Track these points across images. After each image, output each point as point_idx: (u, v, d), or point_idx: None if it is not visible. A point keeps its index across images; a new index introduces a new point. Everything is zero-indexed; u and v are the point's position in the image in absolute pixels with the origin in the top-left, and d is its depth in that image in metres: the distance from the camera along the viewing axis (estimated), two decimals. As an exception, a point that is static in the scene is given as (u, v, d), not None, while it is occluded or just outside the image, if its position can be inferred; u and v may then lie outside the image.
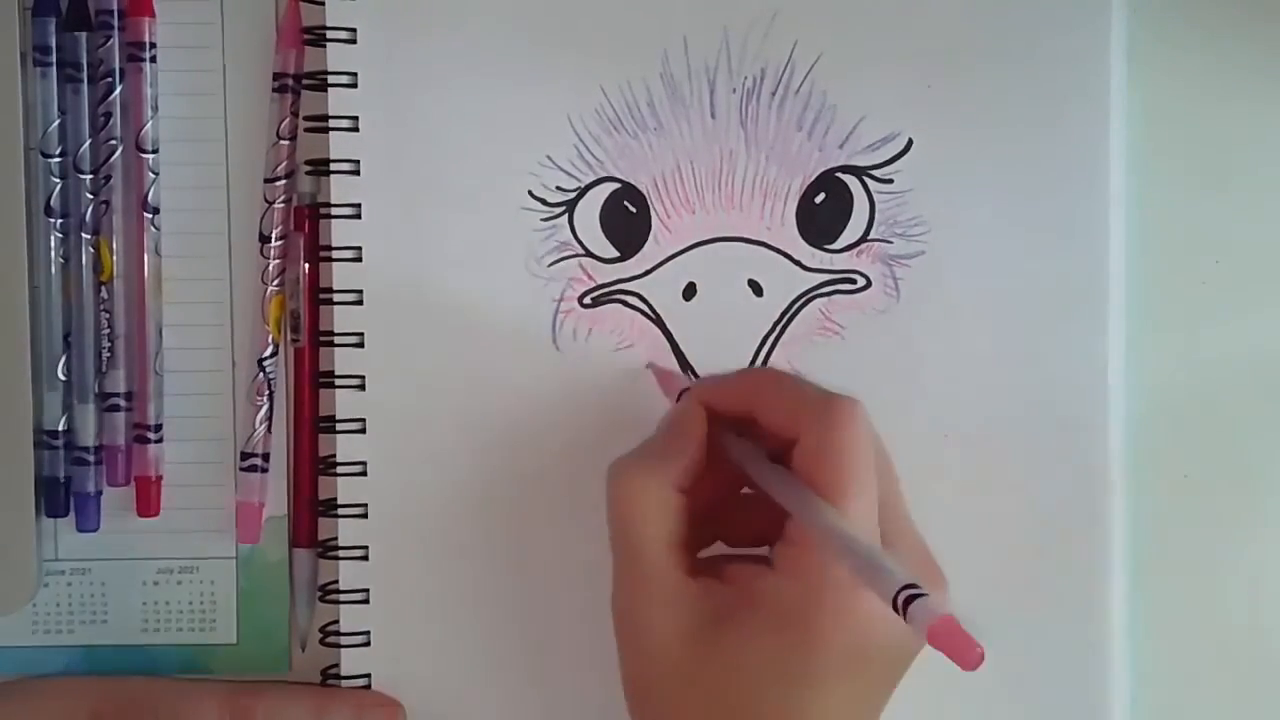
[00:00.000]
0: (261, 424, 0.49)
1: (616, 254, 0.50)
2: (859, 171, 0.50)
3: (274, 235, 0.49)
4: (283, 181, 0.49)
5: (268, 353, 0.49)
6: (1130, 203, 0.50)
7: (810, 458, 0.42)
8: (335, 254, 0.49)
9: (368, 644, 0.49)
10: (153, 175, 0.49)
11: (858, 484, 0.41)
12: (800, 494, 0.42)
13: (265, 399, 0.49)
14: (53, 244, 0.49)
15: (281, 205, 0.49)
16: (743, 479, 0.45)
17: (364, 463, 0.49)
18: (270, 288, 0.49)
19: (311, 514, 0.50)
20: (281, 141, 0.49)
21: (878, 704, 0.43)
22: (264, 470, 0.50)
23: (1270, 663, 0.52)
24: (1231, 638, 0.51)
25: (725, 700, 0.41)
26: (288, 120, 0.49)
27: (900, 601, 0.36)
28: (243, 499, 0.50)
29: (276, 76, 0.49)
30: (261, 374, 0.49)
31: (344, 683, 0.49)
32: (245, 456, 0.50)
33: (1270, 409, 0.51)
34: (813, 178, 0.49)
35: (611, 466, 0.45)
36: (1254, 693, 0.52)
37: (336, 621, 0.49)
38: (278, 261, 0.49)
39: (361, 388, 0.49)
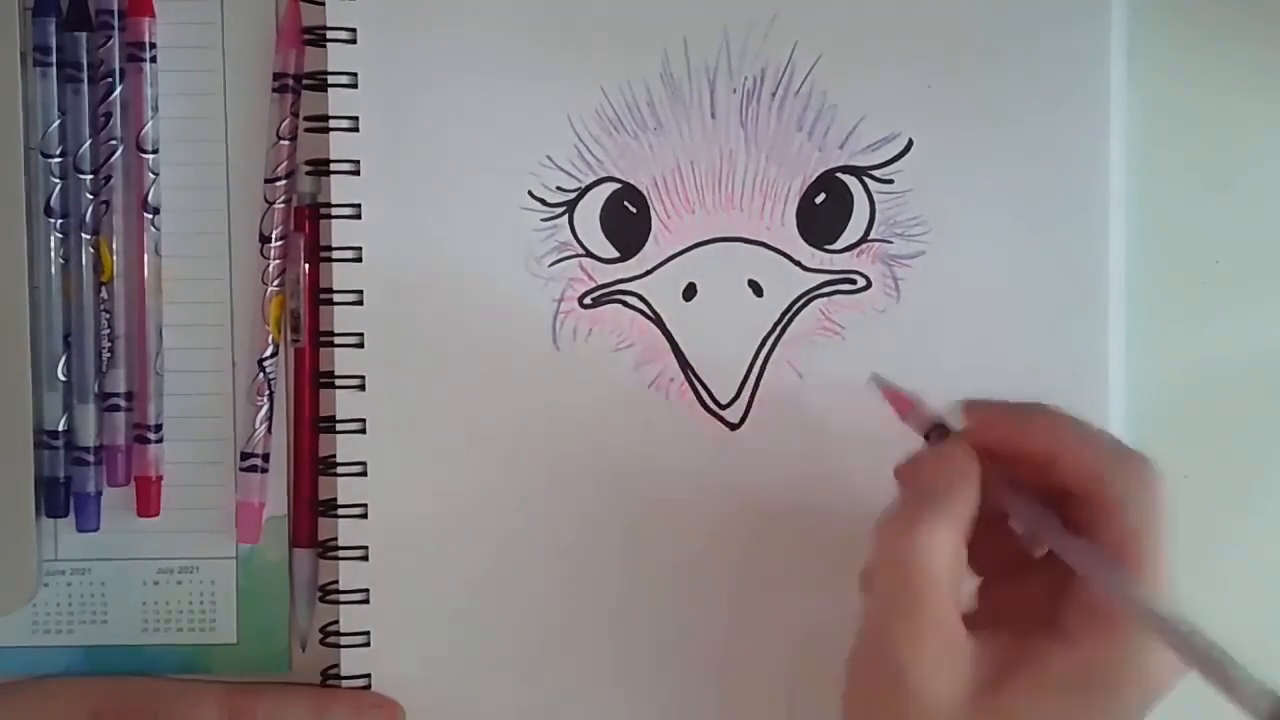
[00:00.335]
0: (262, 424, 0.49)
1: (616, 254, 0.50)
2: (859, 172, 0.50)
3: (274, 235, 0.49)
4: (283, 181, 0.49)
5: (268, 353, 0.49)
6: (1130, 203, 0.50)
7: (1117, 522, 0.40)
8: (335, 254, 0.49)
9: (368, 644, 0.49)
10: (153, 175, 0.49)
11: (1164, 555, 0.40)
12: (1110, 569, 0.40)
13: (265, 399, 0.49)
14: (53, 244, 0.49)
15: (282, 205, 0.49)
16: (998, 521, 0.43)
17: (364, 463, 0.49)
18: (270, 288, 0.49)
19: (311, 514, 0.50)
20: (282, 141, 0.49)
21: None
22: (264, 470, 0.50)
23: (1271, 663, 0.51)
24: (1231, 638, 0.51)
25: None
26: (288, 120, 0.49)
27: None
28: (243, 499, 0.50)
29: (276, 76, 0.49)
30: (261, 374, 0.49)
31: (344, 683, 0.49)
32: (245, 456, 0.50)
33: (1270, 409, 0.51)
34: (813, 178, 0.49)
35: (892, 521, 0.41)
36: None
37: (336, 621, 0.49)
38: (278, 262, 0.49)
39: (361, 388, 0.49)
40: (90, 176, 0.49)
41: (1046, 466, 0.41)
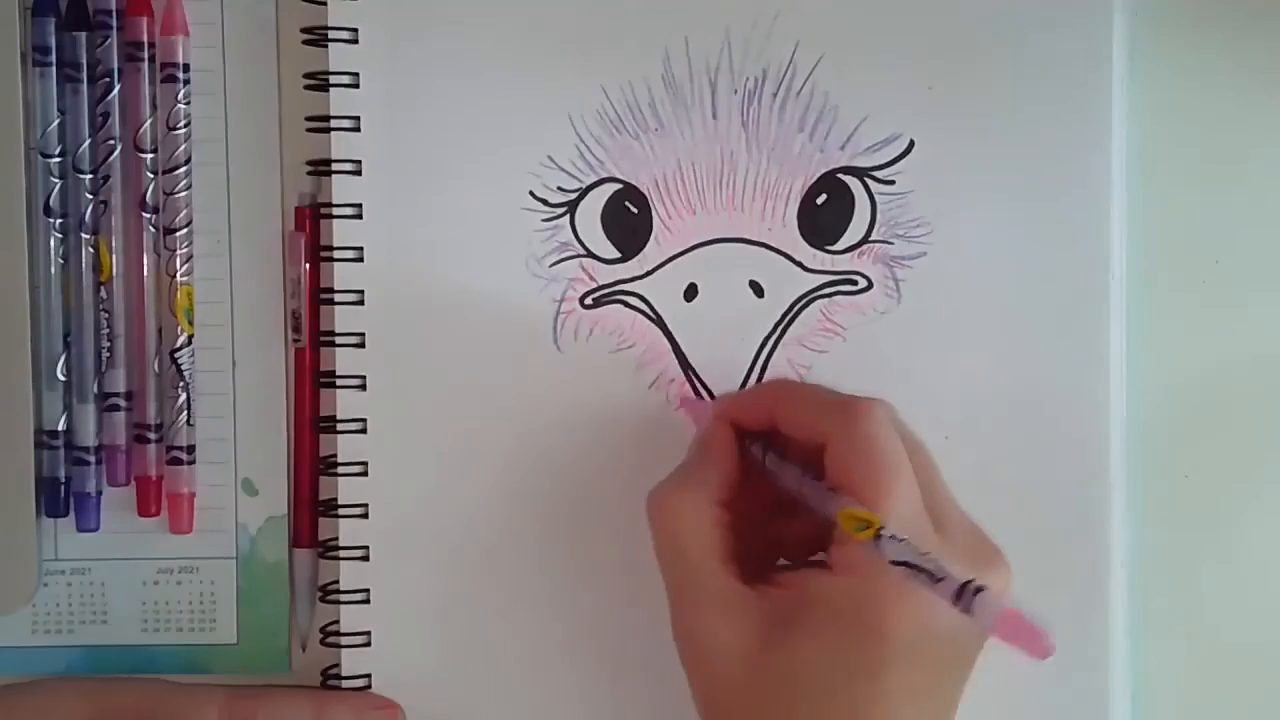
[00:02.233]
0: (180, 415, 0.49)
1: (618, 255, 0.50)
2: (860, 173, 0.50)
3: (177, 223, 0.49)
4: (182, 169, 0.49)
5: (179, 344, 0.49)
6: (1130, 203, 0.50)
7: (840, 463, 0.42)
8: (336, 254, 0.49)
9: (368, 644, 0.49)
10: (150, 175, 0.49)
11: (890, 479, 0.42)
12: (837, 501, 0.42)
13: (181, 390, 0.49)
14: (52, 244, 0.49)
15: (183, 193, 0.49)
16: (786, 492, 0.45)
17: (364, 463, 0.49)
18: (178, 278, 0.49)
19: (311, 514, 0.50)
20: (174, 131, 0.49)
21: (947, 696, 0.43)
22: (190, 462, 0.49)
23: (1271, 663, 0.52)
24: (1232, 638, 0.52)
25: (795, 704, 0.41)
26: (175, 108, 0.49)
27: (962, 598, 0.36)
28: (171, 490, 0.50)
29: (163, 66, 0.49)
30: (174, 366, 0.49)
31: (344, 683, 0.49)
32: (169, 450, 0.49)
33: (1270, 409, 0.51)
34: (814, 179, 0.49)
35: (650, 494, 0.45)
36: (1254, 693, 0.52)
37: (336, 621, 0.49)
38: (184, 251, 0.49)
39: (362, 388, 0.49)
40: (89, 176, 0.49)
41: (777, 429, 0.45)
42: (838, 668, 0.41)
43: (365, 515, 0.49)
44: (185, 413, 0.49)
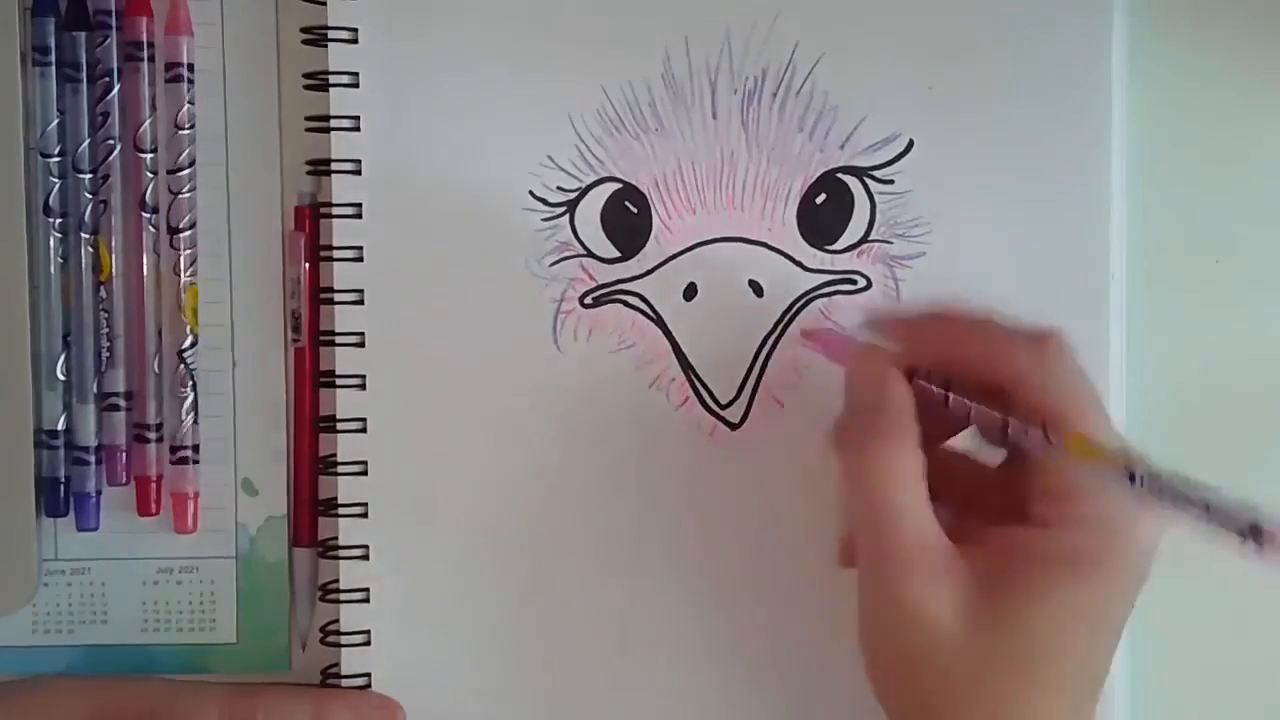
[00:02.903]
0: (187, 415, 0.49)
1: (617, 254, 0.50)
2: (860, 172, 0.50)
3: (183, 225, 0.49)
4: (187, 170, 0.49)
5: (187, 344, 0.49)
6: (1130, 203, 0.50)
7: (1040, 398, 0.40)
8: (336, 254, 0.49)
9: (368, 644, 0.49)
10: (150, 175, 0.49)
11: (1097, 407, 0.40)
12: (1049, 435, 0.40)
13: (189, 390, 0.49)
14: (52, 244, 0.49)
15: (188, 194, 0.49)
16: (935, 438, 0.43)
17: (364, 462, 0.49)
18: (184, 278, 0.49)
19: (311, 514, 0.50)
20: (180, 131, 0.49)
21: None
22: (195, 462, 0.50)
23: (1271, 666, 0.52)
24: (1232, 638, 0.52)
25: (1014, 663, 0.40)
26: (185, 109, 0.49)
27: (1254, 534, 0.35)
28: (176, 490, 0.50)
29: (169, 67, 0.49)
30: (182, 365, 0.49)
31: (344, 682, 0.49)
32: (174, 449, 0.50)
33: (1270, 409, 0.51)
34: (814, 178, 0.50)
35: (844, 439, 0.42)
36: (1254, 694, 0.52)
37: (336, 621, 0.49)
38: (189, 252, 0.49)
39: (362, 388, 0.49)
40: (89, 176, 0.49)
41: (947, 363, 0.42)
42: (1071, 619, 0.39)
43: (365, 515, 0.49)
44: (193, 413, 0.49)
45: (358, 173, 0.49)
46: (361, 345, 0.49)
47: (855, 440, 0.41)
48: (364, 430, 0.49)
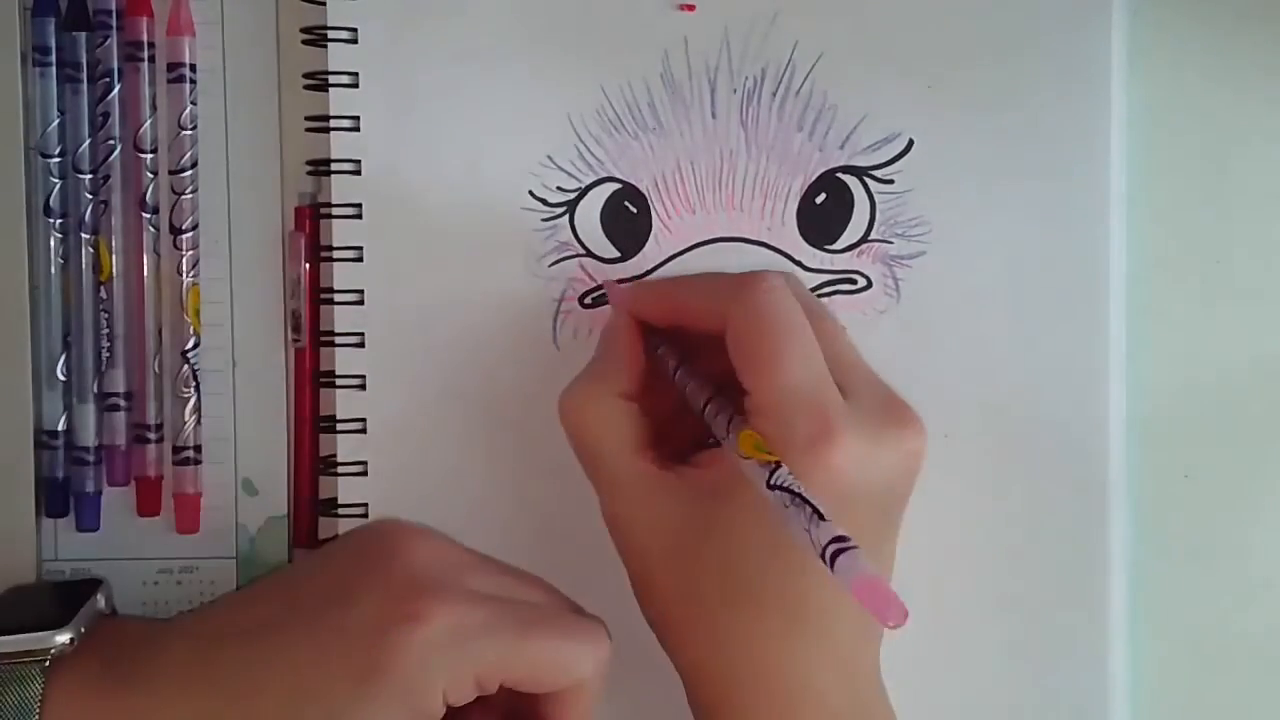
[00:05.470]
0: (191, 416, 0.49)
1: (617, 254, 0.50)
2: (860, 172, 0.50)
3: (185, 226, 0.49)
4: (189, 172, 0.49)
5: (190, 345, 0.49)
6: (1130, 203, 0.50)
7: (738, 337, 0.43)
8: (336, 253, 0.49)
9: (368, 644, 0.49)
10: (150, 175, 0.49)
11: (786, 342, 0.42)
12: (737, 426, 0.42)
13: (192, 390, 0.49)
14: (52, 244, 0.49)
15: (190, 195, 0.49)
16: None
17: (364, 463, 0.49)
18: (187, 279, 0.49)
19: (312, 514, 0.50)
20: (184, 132, 0.49)
21: (881, 548, 0.44)
22: (198, 462, 0.49)
23: (1271, 663, 0.52)
24: (1232, 637, 0.52)
25: (727, 575, 0.42)
26: (187, 110, 0.49)
27: (828, 555, 0.36)
28: (179, 491, 0.50)
29: (171, 67, 0.49)
30: (186, 366, 0.49)
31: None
32: (177, 450, 0.49)
33: (1270, 409, 0.51)
34: (813, 178, 0.50)
35: (560, 395, 0.46)
36: (1254, 693, 0.52)
37: (337, 621, 0.49)
38: (192, 253, 0.49)
39: (362, 388, 0.49)
40: (89, 176, 0.49)
41: (683, 323, 0.45)
42: (770, 540, 0.41)
43: (365, 515, 0.49)
44: (196, 413, 0.49)
45: (357, 173, 0.49)
46: (361, 345, 0.49)
47: (569, 387, 0.46)
48: (364, 431, 0.49)
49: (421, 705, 0.41)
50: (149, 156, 0.49)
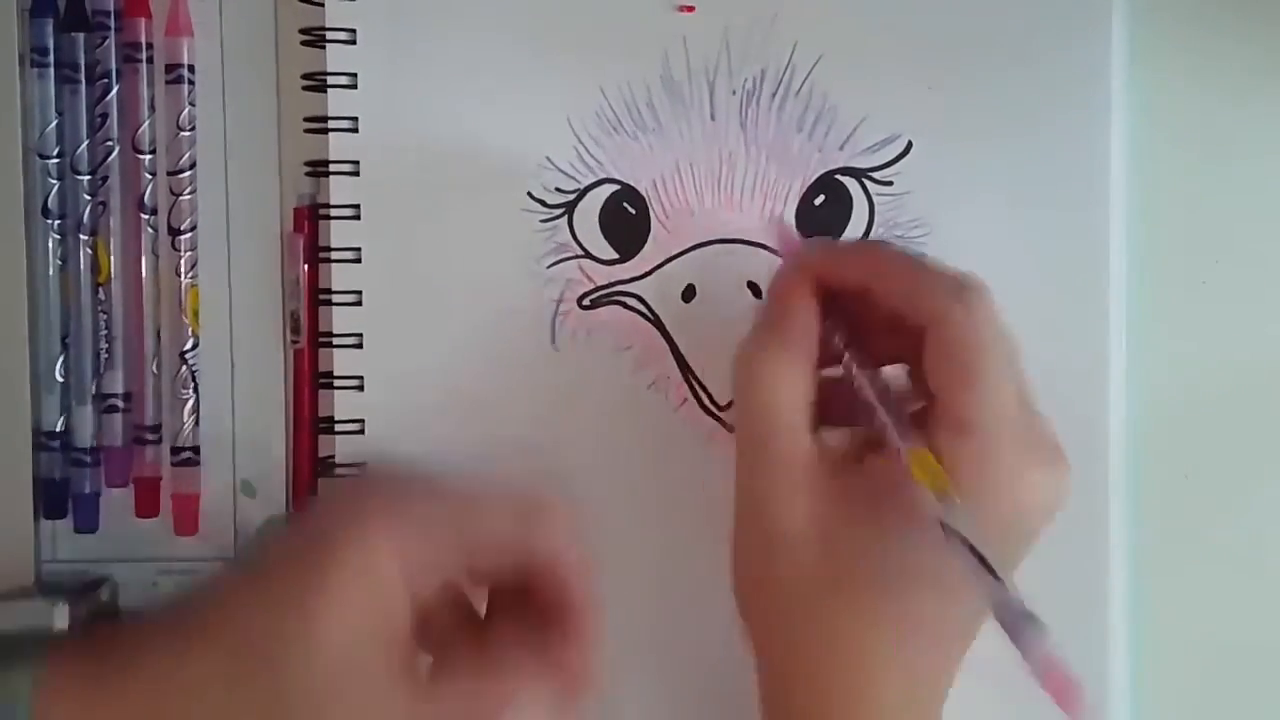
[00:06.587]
0: (190, 416, 0.49)
1: (616, 255, 0.50)
2: (859, 173, 0.49)
3: (184, 227, 0.49)
4: (187, 173, 0.49)
5: (188, 346, 0.49)
6: (1130, 203, 0.50)
7: (953, 345, 0.40)
8: (335, 254, 0.49)
9: (367, 645, 0.49)
10: (149, 176, 0.49)
11: (1009, 370, 0.40)
12: (912, 437, 0.40)
13: (190, 391, 0.49)
14: (50, 245, 0.49)
15: (189, 196, 0.49)
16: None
17: (363, 463, 0.49)
18: (186, 280, 0.49)
19: (311, 515, 0.50)
20: (182, 133, 0.49)
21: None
22: (196, 463, 0.49)
23: (1271, 662, 0.52)
24: (1232, 637, 0.52)
25: (854, 593, 0.40)
26: (186, 110, 0.49)
27: (1012, 625, 0.36)
28: (177, 491, 0.50)
29: (169, 69, 0.49)
30: (184, 367, 0.49)
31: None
32: (176, 451, 0.49)
33: (1270, 409, 0.51)
34: (812, 179, 0.49)
35: (742, 350, 0.42)
36: (1254, 692, 0.52)
37: (336, 622, 0.49)
38: (190, 254, 0.49)
39: (360, 388, 0.49)
40: (88, 177, 0.49)
41: (873, 298, 0.42)
42: (926, 551, 0.39)
43: (364, 516, 0.49)
44: (195, 414, 0.49)
45: (356, 174, 0.49)
46: (360, 346, 0.49)
47: (752, 348, 0.42)
48: (362, 431, 0.49)
49: (381, 591, 0.38)
50: (147, 157, 0.49)
